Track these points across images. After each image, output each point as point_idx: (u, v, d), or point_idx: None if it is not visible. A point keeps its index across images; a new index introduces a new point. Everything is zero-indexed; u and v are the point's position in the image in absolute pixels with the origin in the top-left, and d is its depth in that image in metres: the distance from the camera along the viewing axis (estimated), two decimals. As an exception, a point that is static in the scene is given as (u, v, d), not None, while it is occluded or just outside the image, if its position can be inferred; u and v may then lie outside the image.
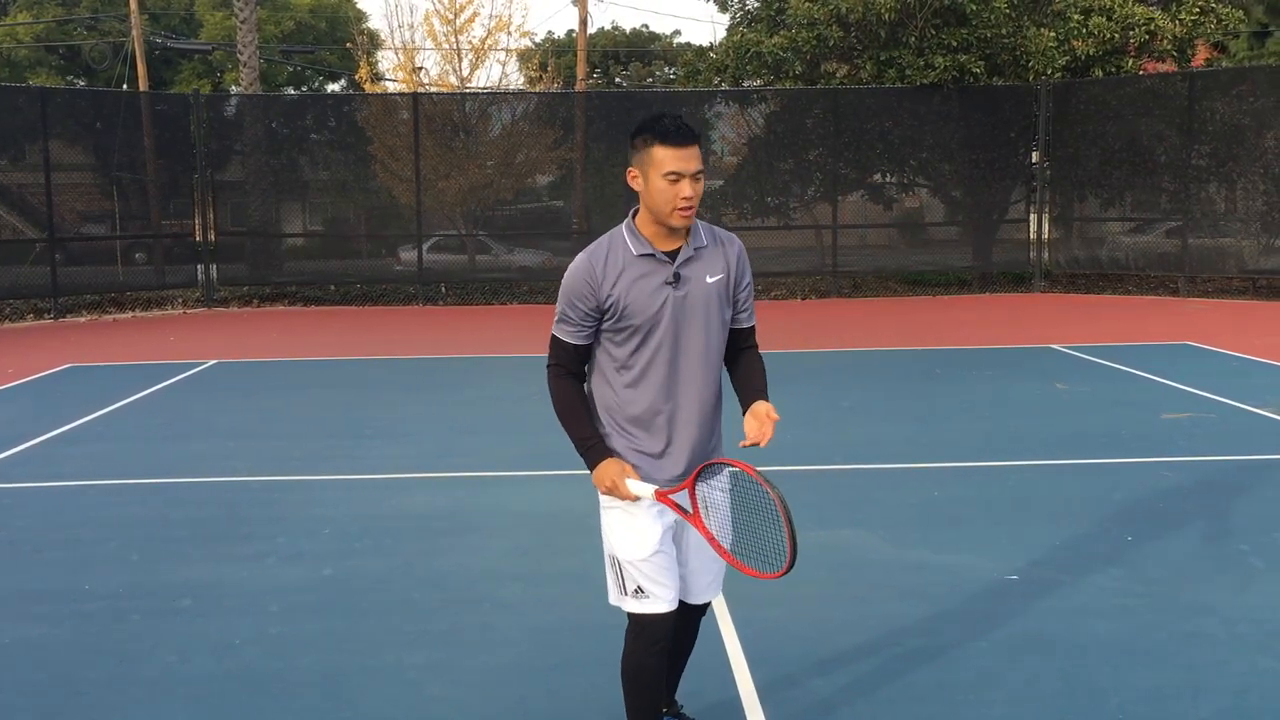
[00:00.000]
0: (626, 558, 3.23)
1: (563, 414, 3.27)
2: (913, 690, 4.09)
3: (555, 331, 3.26)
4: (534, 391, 10.57)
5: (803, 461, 7.50)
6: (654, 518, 3.23)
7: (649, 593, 3.23)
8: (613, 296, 3.14)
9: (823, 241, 19.88)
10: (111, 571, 5.55)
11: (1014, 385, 10.29)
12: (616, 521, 3.25)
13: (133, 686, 4.26)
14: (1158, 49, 19.47)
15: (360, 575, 5.45)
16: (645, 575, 3.22)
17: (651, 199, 3.12)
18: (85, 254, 19.29)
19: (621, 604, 3.30)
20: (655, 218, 3.15)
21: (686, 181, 3.07)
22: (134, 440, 8.54)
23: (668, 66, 43.54)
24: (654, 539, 3.22)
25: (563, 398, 3.27)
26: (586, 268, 3.17)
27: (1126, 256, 19.13)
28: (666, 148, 3.07)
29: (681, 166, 3.06)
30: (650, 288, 3.16)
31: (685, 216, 3.11)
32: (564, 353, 3.25)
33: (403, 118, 19.69)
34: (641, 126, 3.14)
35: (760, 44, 19.61)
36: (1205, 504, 6.38)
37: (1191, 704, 3.94)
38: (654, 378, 3.21)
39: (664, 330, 3.18)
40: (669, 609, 3.26)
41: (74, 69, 39.64)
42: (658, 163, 3.08)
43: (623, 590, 3.27)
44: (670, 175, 3.06)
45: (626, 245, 3.19)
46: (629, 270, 3.15)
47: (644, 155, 3.11)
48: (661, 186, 3.07)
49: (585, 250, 3.23)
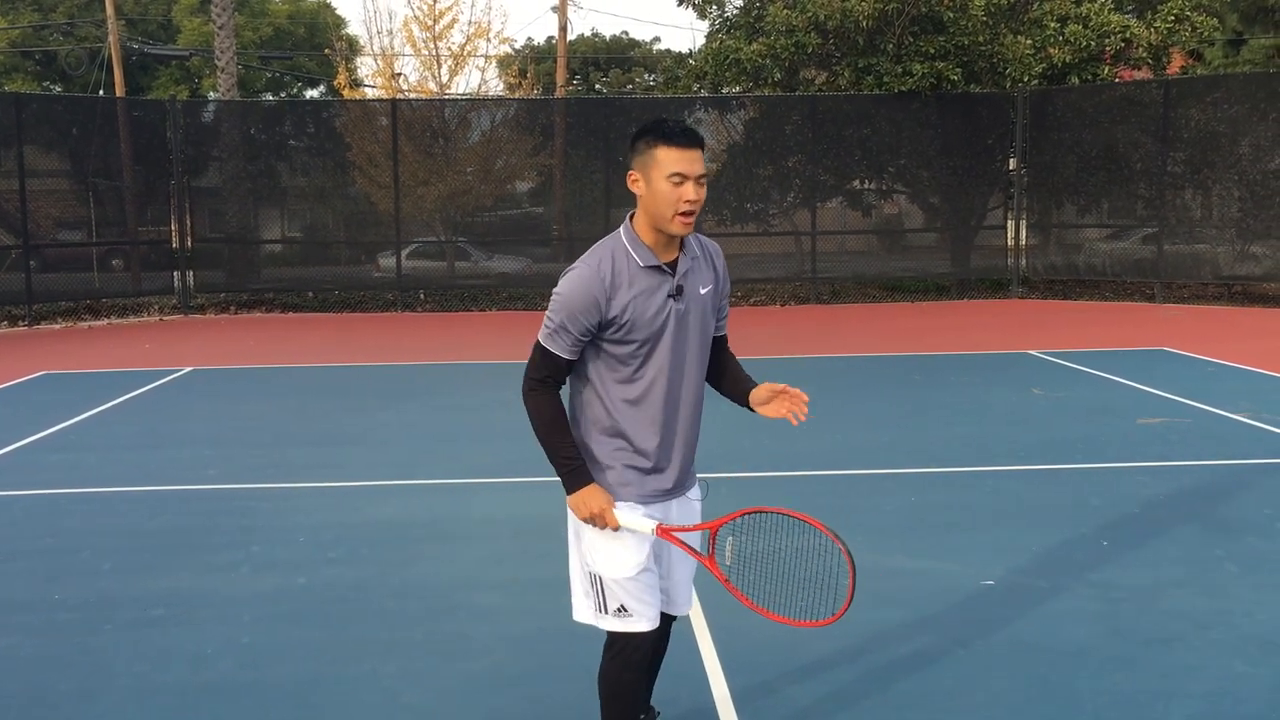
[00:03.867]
0: (611, 575, 3.12)
1: (548, 431, 3.09)
2: (890, 697, 4.09)
3: (546, 344, 3.05)
4: (512, 398, 10.53)
5: (780, 468, 7.50)
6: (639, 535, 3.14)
7: (633, 611, 3.14)
8: (620, 311, 3.01)
9: (802, 248, 19.94)
10: (83, 581, 5.49)
11: (991, 391, 10.33)
12: (599, 537, 3.13)
13: (104, 697, 4.21)
14: (1134, 57, 19.61)
15: (335, 584, 5.41)
16: (630, 594, 3.13)
17: (654, 203, 3.00)
18: (60, 260, 19.14)
19: (598, 622, 3.20)
20: (655, 224, 3.03)
21: (690, 184, 2.97)
22: (107, 448, 8.47)
23: (647, 73, 43.59)
24: (640, 556, 3.14)
25: (549, 414, 3.09)
26: (595, 280, 3.00)
27: (1103, 263, 19.24)
28: (670, 148, 2.97)
29: (686, 168, 2.96)
30: (656, 302, 3.05)
31: (686, 223, 3.00)
32: (553, 367, 3.06)
33: (381, 124, 19.62)
34: (644, 129, 3.05)
35: (739, 51, 19.66)
36: (1180, 509, 6.41)
37: (1165, 709, 3.95)
38: (656, 393, 3.11)
39: (665, 345, 3.09)
40: (651, 627, 3.18)
41: (50, 75, 39.37)
42: (661, 164, 2.97)
43: (601, 609, 3.17)
44: (674, 177, 2.96)
45: (631, 256, 3.05)
46: (636, 283, 3.03)
47: (646, 157, 3.00)
48: (664, 189, 2.97)
49: (586, 260, 3.05)
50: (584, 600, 3.24)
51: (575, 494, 3.09)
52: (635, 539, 3.13)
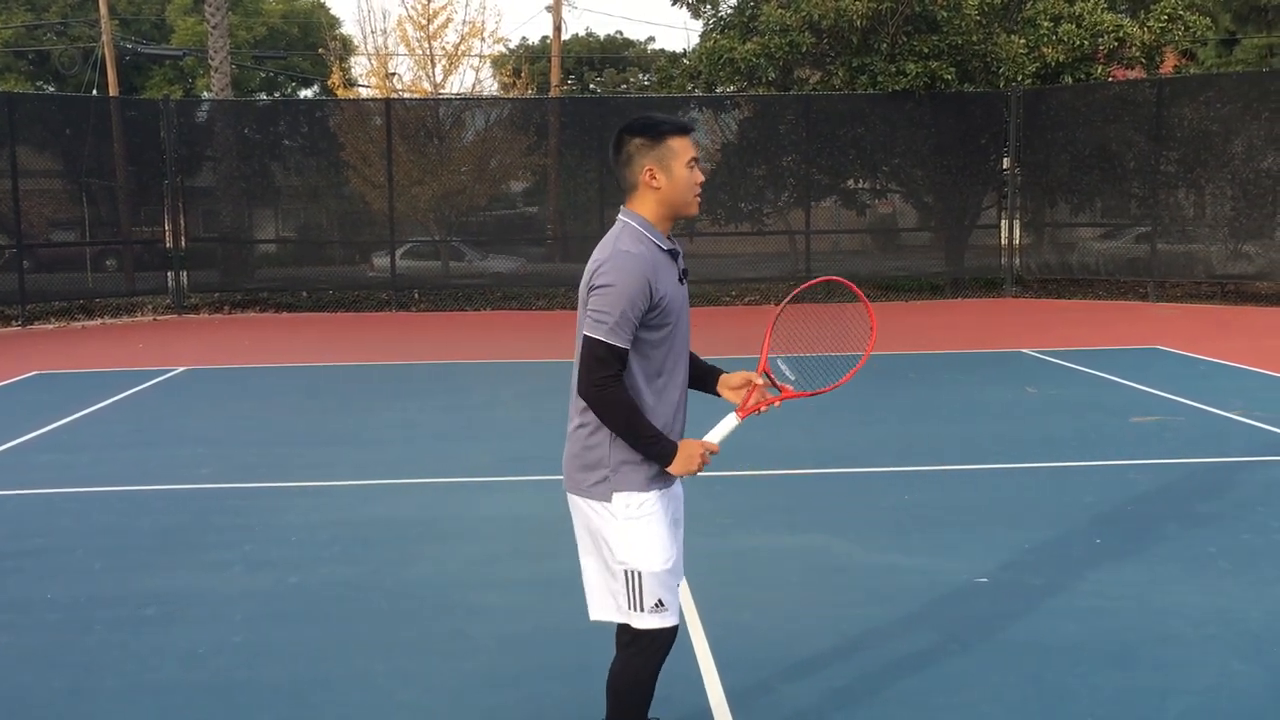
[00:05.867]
0: (651, 568, 3.15)
1: (631, 419, 3.08)
2: (884, 694, 4.09)
3: (610, 340, 3.02)
4: (506, 397, 10.56)
5: (773, 465, 7.50)
6: (669, 525, 3.22)
7: (668, 605, 3.19)
8: (662, 294, 3.09)
9: (796, 247, 19.94)
10: (76, 580, 5.47)
11: (985, 390, 10.34)
12: (640, 533, 3.15)
13: (97, 697, 4.20)
14: (1127, 56, 19.66)
15: (329, 583, 5.40)
16: (666, 586, 3.18)
17: (677, 190, 3.14)
18: (54, 260, 19.11)
19: (631, 620, 3.20)
20: (676, 210, 3.18)
21: (698, 168, 3.18)
22: (100, 448, 8.45)
23: (642, 73, 43.60)
24: (674, 550, 3.22)
25: (628, 403, 3.08)
26: (644, 262, 3.06)
27: (1097, 262, 19.28)
28: (683, 138, 3.15)
29: (696, 152, 3.19)
30: (673, 283, 3.17)
31: (700, 203, 3.22)
32: (619, 360, 3.05)
33: (376, 123, 19.60)
34: (649, 124, 3.15)
35: (733, 50, 19.66)
36: (1174, 507, 6.42)
37: (1159, 705, 3.96)
38: (676, 377, 3.23)
39: (682, 328, 3.21)
40: (678, 621, 3.25)
41: (43, 74, 39.26)
42: (680, 153, 3.13)
43: (637, 606, 3.17)
44: (692, 161, 3.15)
45: (651, 240, 3.13)
46: (661, 265, 3.13)
47: (663, 150, 3.13)
48: (685, 175, 3.14)
49: (622, 245, 3.09)
50: (609, 600, 3.25)
51: (674, 462, 3.14)
52: (668, 529, 3.21)
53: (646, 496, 3.16)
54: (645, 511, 3.15)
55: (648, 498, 3.16)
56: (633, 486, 3.15)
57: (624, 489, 3.15)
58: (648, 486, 3.16)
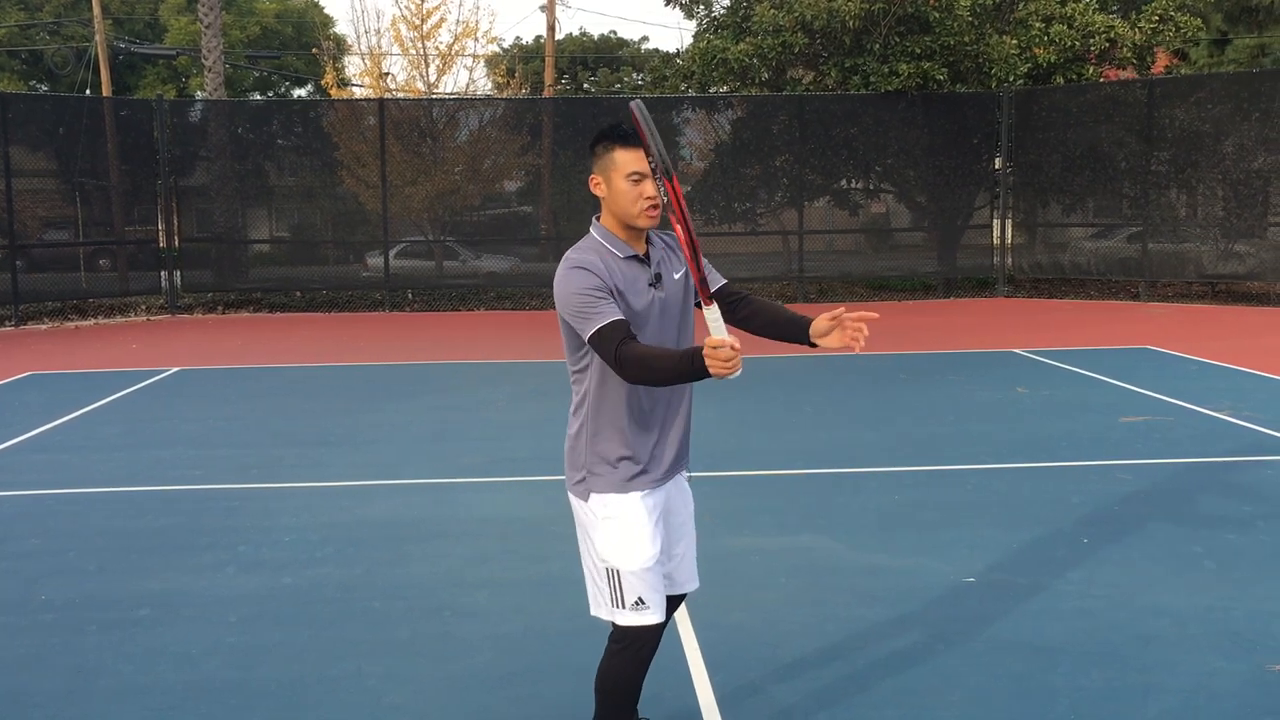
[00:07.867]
0: (629, 568, 3.19)
1: (659, 362, 2.96)
2: (871, 694, 4.13)
3: (600, 322, 3.01)
4: (499, 397, 10.58)
5: (763, 466, 7.54)
6: (652, 523, 3.23)
7: (648, 603, 3.21)
8: (617, 295, 3.10)
9: (789, 247, 19.99)
10: (68, 581, 5.50)
11: (976, 389, 10.38)
12: (616, 530, 3.21)
13: (89, 698, 4.22)
14: (1118, 56, 19.72)
15: (321, 584, 5.43)
16: (646, 584, 3.20)
17: (616, 202, 3.13)
18: (47, 260, 19.10)
19: (614, 617, 3.26)
20: (623, 221, 3.15)
21: (649, 181, 3.08)
22: (93, 449, 8.47)
23: (635, 73, 43.63)
24: (654, 546, 3.23)
25: (648, 353, 2.98)
26: (592, 264, 3.08)
27: (1088, 262, 19.35)
28: (626, 150, 3.09)
29: (642, 167, 3.08)
30: (639, 290, 3.16)
31: (652, 217, 3.12)
32: (619, 327, 3.00)
33: (369, 123, 19.62)
34: (601, 134, 3.17)
35: (726, 50, 19.70)
36: (1161, 506, 6.47)
37: (1141, 704, 4.00)
38: None
39: (653, 332, 3.18)
40: (662, 619, 3.26)
41: (36, 74, 39.22)
42: (619, 165, 3.10)
43: (618, 603, 3.22)
44: (633, 176, 3.09)
45: (608, 249, 3.16)
46: (619, 272, 3.13)
47: (605, 160, 3.14)
48: (624, 188, 3.10)
49: (571, 256, 3.13)
50: (601, 597, 3.30)
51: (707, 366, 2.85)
52: (650, 526, 3.21)
53: (624, 498, 3.21)
54: (621, 512, 3.21)
55: (625, 499, 3.21)
56: (608, 489, 3.22)
57: (599, 490, 3.23)
58: (625, 489, 3.21)
